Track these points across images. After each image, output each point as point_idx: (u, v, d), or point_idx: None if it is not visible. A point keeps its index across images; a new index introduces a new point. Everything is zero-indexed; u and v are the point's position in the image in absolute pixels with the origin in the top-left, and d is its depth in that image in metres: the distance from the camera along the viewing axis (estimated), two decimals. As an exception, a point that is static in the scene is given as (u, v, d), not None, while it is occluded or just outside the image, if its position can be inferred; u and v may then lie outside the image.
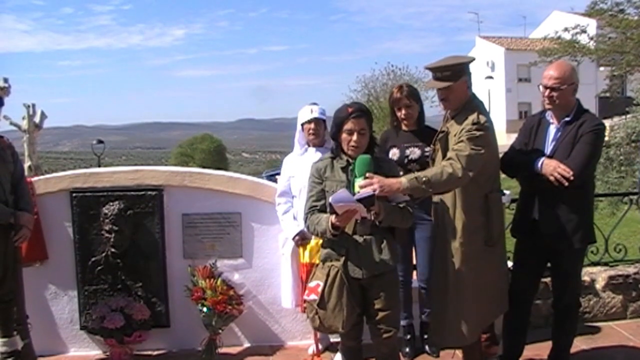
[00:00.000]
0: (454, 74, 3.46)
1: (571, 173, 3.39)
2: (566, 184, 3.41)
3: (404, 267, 4.26)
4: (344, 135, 3.29)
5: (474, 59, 3.68)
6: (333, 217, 3.17)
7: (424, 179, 3.18)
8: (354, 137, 3.25)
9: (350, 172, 3.25)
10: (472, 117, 3.41)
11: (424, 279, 4.30)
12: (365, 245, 3.28)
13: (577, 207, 3.56)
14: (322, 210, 3.33)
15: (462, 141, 3.35)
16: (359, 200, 3.05)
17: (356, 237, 3.28)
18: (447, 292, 3.53)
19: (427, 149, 4.19)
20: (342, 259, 3.29)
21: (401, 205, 3.30)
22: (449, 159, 3.31)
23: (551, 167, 3.46)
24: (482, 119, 3.41)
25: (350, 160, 3.27)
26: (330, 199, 3.10)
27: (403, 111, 4.23)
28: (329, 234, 3.23)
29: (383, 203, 3.19)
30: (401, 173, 3.50)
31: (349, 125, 3.26)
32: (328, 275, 3.29)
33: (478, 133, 3.35)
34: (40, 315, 4.49)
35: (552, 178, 3.44)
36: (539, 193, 3.61)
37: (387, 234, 3.35)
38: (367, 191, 3.06)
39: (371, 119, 3.36)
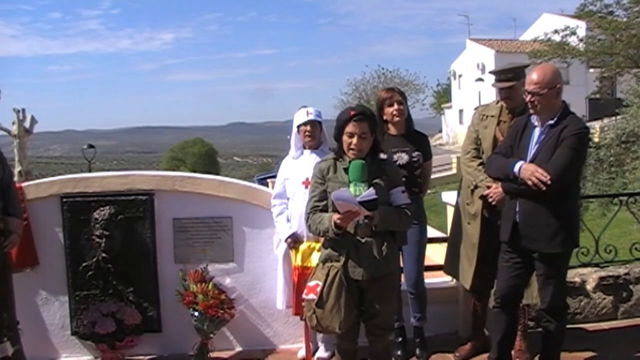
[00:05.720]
0: (515, 76, 3.99)
1: (548, 177, 3.36)
2: (544, 188, 3.38)
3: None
4: (345, 138, 3.31)
5: (529, 65, 4.21)
6: (335, 216, 3.18)
7: None
8: (354, 141, 3.27)
9: None
10: None
11: (412, 283, 4.29)
12: (366, 247, 3.28)
13: (557, 211, 3.51)
14: (324, 210, 3.35)
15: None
16: (361, 203, 3.08)
17: (358, 238, 3.28)
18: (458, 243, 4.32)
19: (415, 153, 4.18)
20: (342, 259, 3.29)
21: (403, 207, 3.33)
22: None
23: (529, 172, 3.44)
24: None
25: None
26: (332, 195, 3.14)
27: (395, 106, 4.19)
28: (332, 232, 3.24)
29: (380, 206, 3.19)
30: None
31: (350, 128, 3.28)
32: (327, 275, 3.30)
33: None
34: (31, 321, 4.46)
35: (529, 182, 3.43)
36: (519, 196, 3.60)
37: (388, 237, 3.36)
38: (369, 194, 3.09)
39: (375, 123, 3.38)
